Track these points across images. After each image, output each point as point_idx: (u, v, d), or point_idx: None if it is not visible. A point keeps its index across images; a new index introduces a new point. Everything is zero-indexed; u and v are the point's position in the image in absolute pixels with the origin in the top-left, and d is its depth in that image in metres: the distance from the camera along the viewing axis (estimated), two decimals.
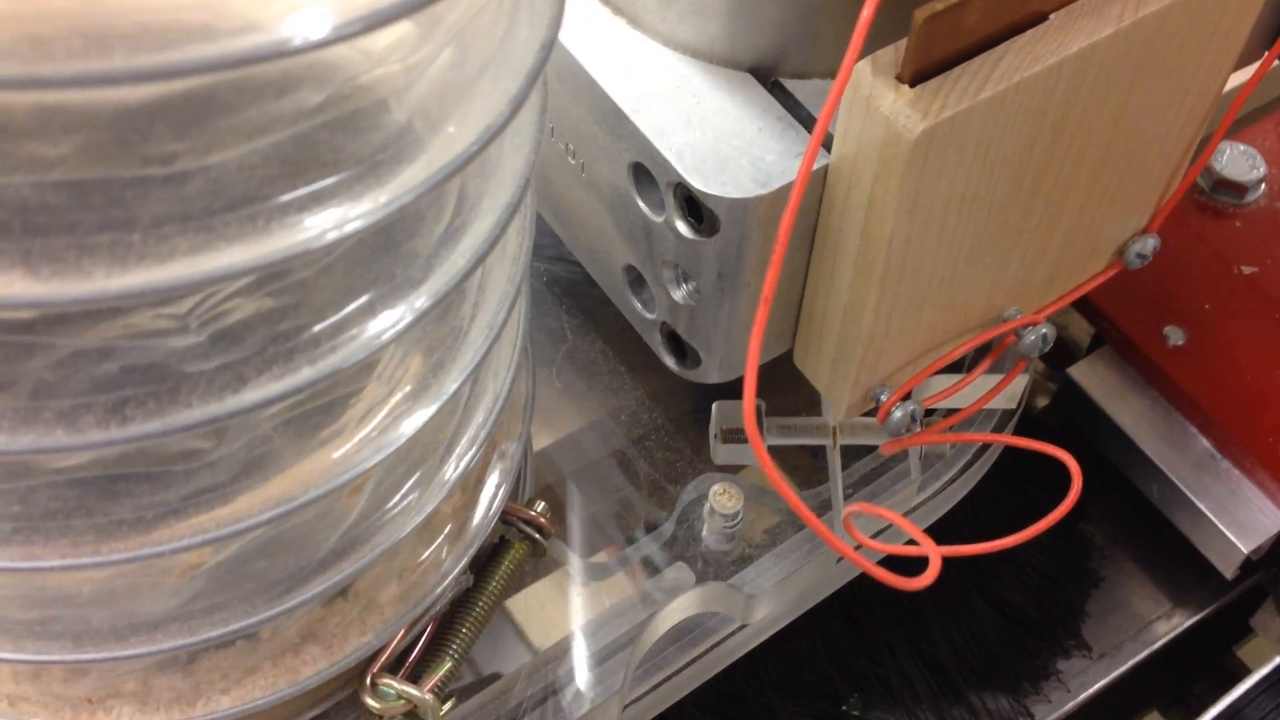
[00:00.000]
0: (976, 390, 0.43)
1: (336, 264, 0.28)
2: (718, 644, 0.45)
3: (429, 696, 0.37)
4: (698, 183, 0.36)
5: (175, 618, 0.33)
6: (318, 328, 0.28)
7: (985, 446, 0.49)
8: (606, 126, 0.39)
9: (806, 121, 0.38)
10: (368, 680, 0.38)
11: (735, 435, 0.44)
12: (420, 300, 0.29)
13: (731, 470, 0.46)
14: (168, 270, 0.24)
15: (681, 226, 0.38)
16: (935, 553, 0.36)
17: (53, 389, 0.26)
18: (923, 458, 0.47)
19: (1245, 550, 0.54)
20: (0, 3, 0.21)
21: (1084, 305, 0.57)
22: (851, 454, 0.46)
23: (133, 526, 0.29)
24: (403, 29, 0.25)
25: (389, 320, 0.29)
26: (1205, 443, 0.56)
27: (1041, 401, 0.60)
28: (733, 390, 0.43)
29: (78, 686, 0.35)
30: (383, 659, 0.38)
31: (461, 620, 0.39)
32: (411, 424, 0.32)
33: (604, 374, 0.49)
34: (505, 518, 0.41)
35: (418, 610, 0.37)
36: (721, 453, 0.44)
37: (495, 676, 0.42)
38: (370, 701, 0.38)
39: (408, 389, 0.32)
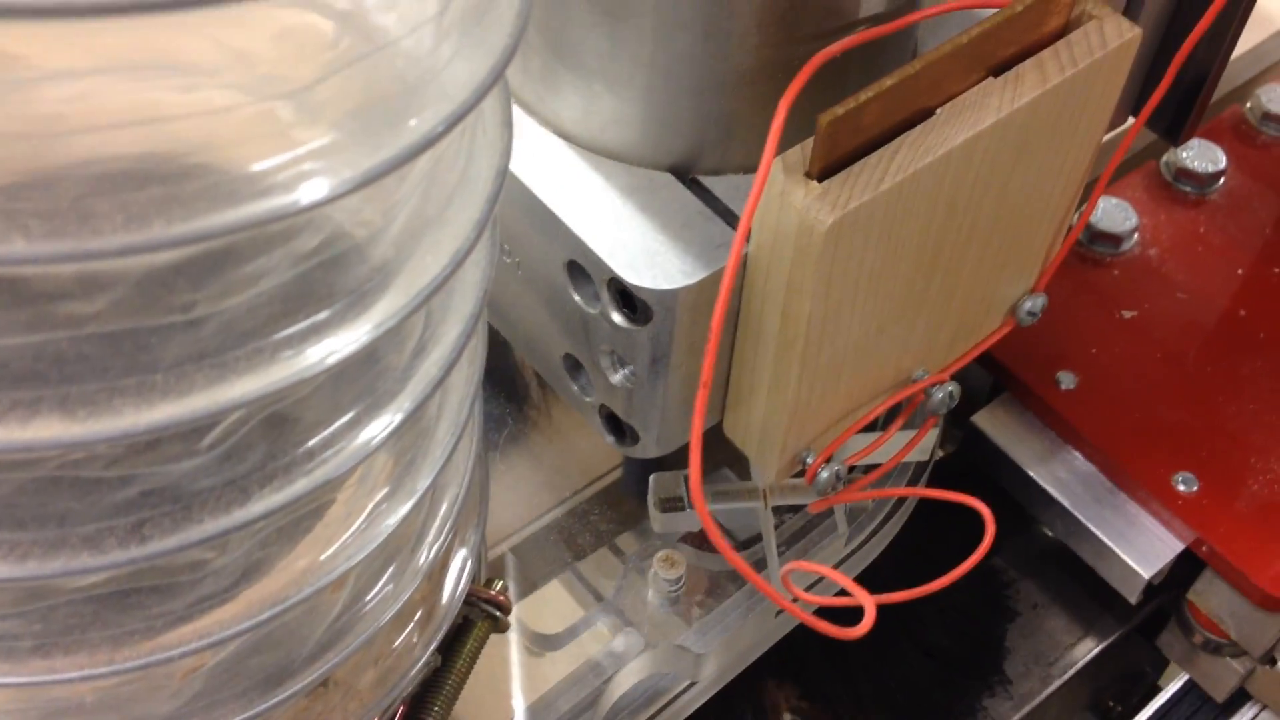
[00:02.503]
0: (893, 446, 0.48)
1: (325, 385, 0.31)
2: (669, 703, 0.49)
3: None
4: (630, 277, 0.40)
5: (175, 718, 0.36)
6: (311, 442, 0.31)
7: (903, 499, 0.54)
8: (541, 228, 0.43)
9: (724, 215, 0.43)
10: None
11: (673, 504, 0.48)
12: (399, 410, 0.33)
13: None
14: (188, 404, 0.27)
15: (616, 317, 0.42)
16: (869, 601, 0.40)
17: (78, 516, 0.29)
18: (847, 513, 0.51)
19: (1146, 576, 0.59)
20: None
21: (983, 357, 0.62)
22: (780, 512, 0.50)
23: (144, 635, 0.33)
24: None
25: (374, 430, 0.32)
26: (1102, 478, 0.61)
27: (949, 448, 0.65)
28: (664, 463, 0.47)
29: None
30: None
31: (432, 700, 0.43)
32: (390, 522, 0.36)
33: (547, 455, 0.53)
34: (468, 599, 0.44)
35: (394, 694, 0.41)
36: (660, 521, 0.48)
37: None
38: None
39: (385, 490, 0.36)
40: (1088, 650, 0.62)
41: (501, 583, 0.45)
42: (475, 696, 0.46)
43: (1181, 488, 0.59)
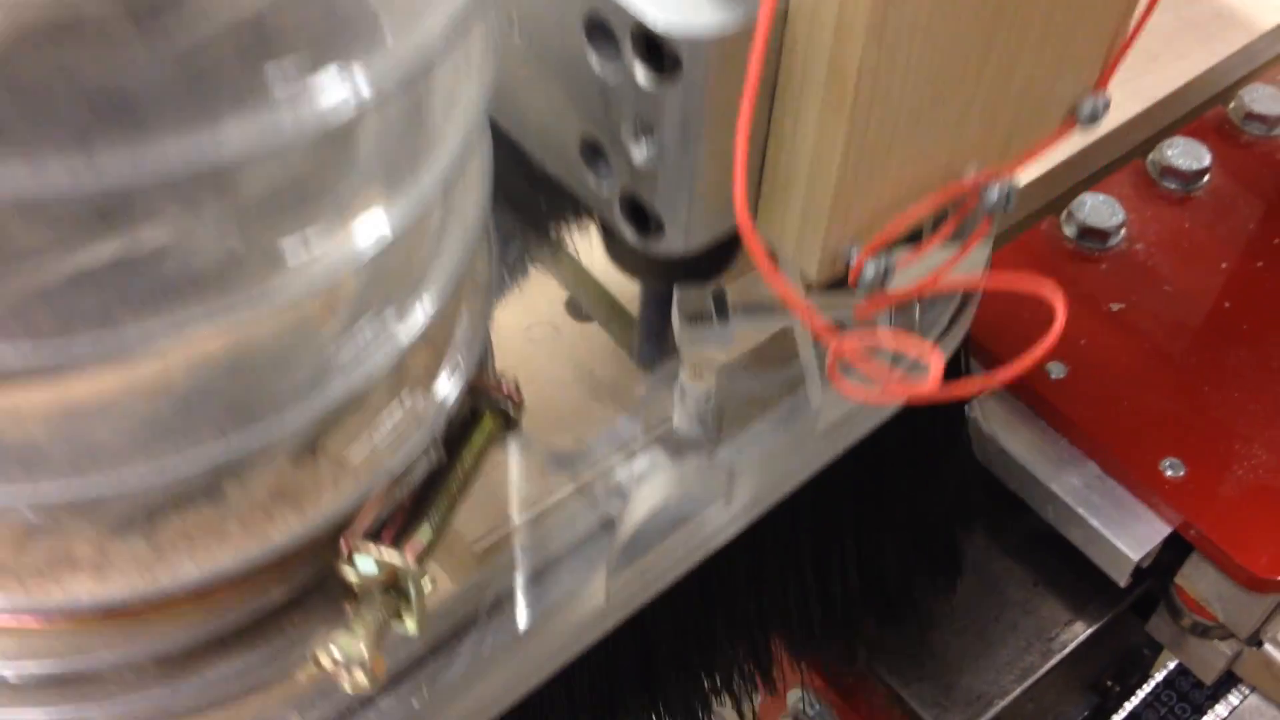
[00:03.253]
0: (940, 256, 0.43)
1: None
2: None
3: (411, 562, 0.36)
4: (656, 18, 0.36)
5: (140, 449, 0.31)
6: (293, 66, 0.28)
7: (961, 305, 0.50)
8: None
9: None
10: (343, 548, 0.36)
11: (700, 317, 0.44)
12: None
13: None
14: None
15: (641, 76, 0.38)
16: (934, 353, 0.38)
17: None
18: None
19: (1135, 559, 0.61)
20: None
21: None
22: None
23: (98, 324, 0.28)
24: None
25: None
26: (1092, 464, 0.63)
27: None
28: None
29: (28, 554, 0.33)
30: (357, 525, 0.36)
31: (437, 493, 0.38)
32: (384, 229, 0.32)
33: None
34: (474, 391, 0.40)
35: (391, 472, 0.37)
36: (687, 336, 0.44)
37: None
38: (347, 572, 0.36)
39: (379, 181, 0.32)
40: (1081, 630, 0.65)
41: (515, 378, 0.40)
42: (474, 508, 0.41)
43: (1169, 473, 0.61)
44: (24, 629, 0.34)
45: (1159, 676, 0.67)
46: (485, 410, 0.40)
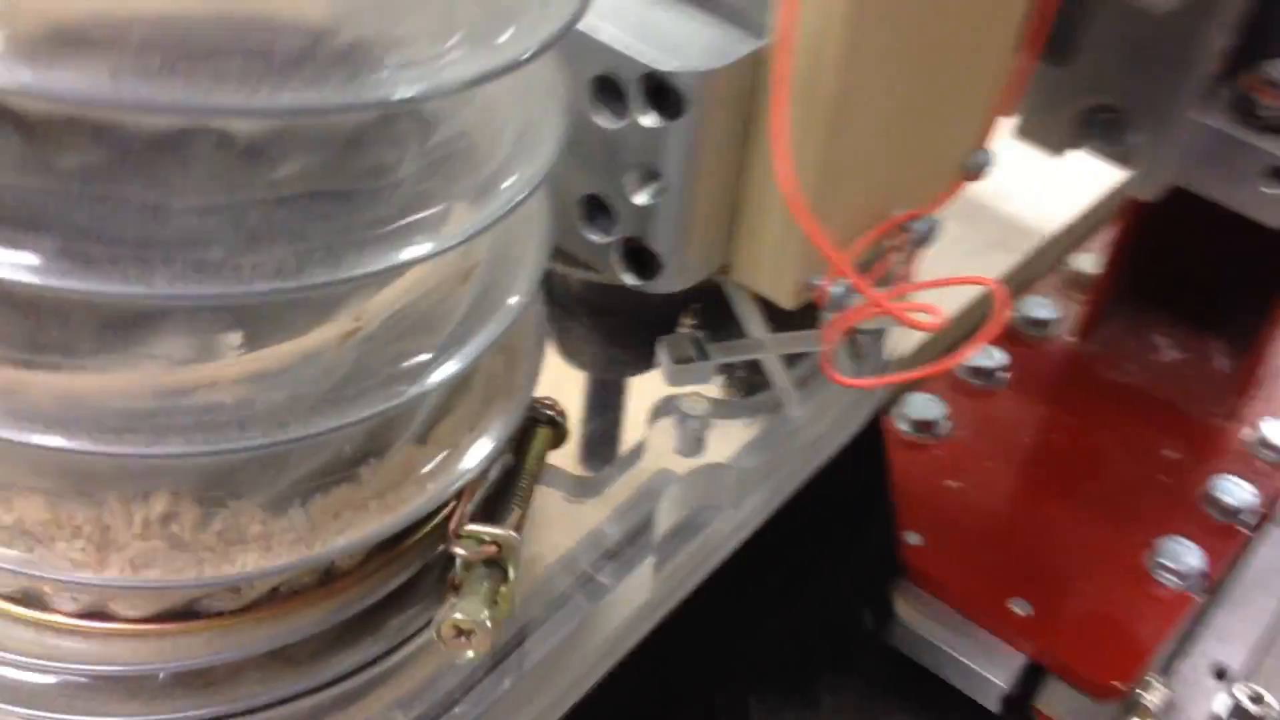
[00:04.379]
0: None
1: None
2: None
3: (513, 534, 0.41)
4: (664, 64, 0.43)
5: (328, 401, 0.36)
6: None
7: None
8: (565, 52, 0.43)
9: (733, 17, 0.46)
10: (453, 526, 0.41)
11: (685, 360, 0.52)
12: None
13: None
14: None
15: (646, 120, 0.45)
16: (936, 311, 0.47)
17: None
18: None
19: (1003, 685, 0.70)
20: None
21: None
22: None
23: (325, 255, 0.33)
24: None
25: None
26: (956, 613, 0.72)
27: None
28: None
29: (206, 533, 0.37)
30: (463, 506, 0.41)
31: (514, 487, 0.43)
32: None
33: None
34: (531, 405, 0.45)
35: (489, 459, 0.42)
36: (674, 374, 0.51)
37: None
38: (458, 546, 0.41)
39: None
40: None
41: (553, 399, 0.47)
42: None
43: (1018, 611, 0.71)
44: (165, 631, 0.38)
45: None
46: (542, 420, 0.46)
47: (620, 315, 0.58)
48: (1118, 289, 0.81)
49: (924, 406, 0.78)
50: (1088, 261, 0.87)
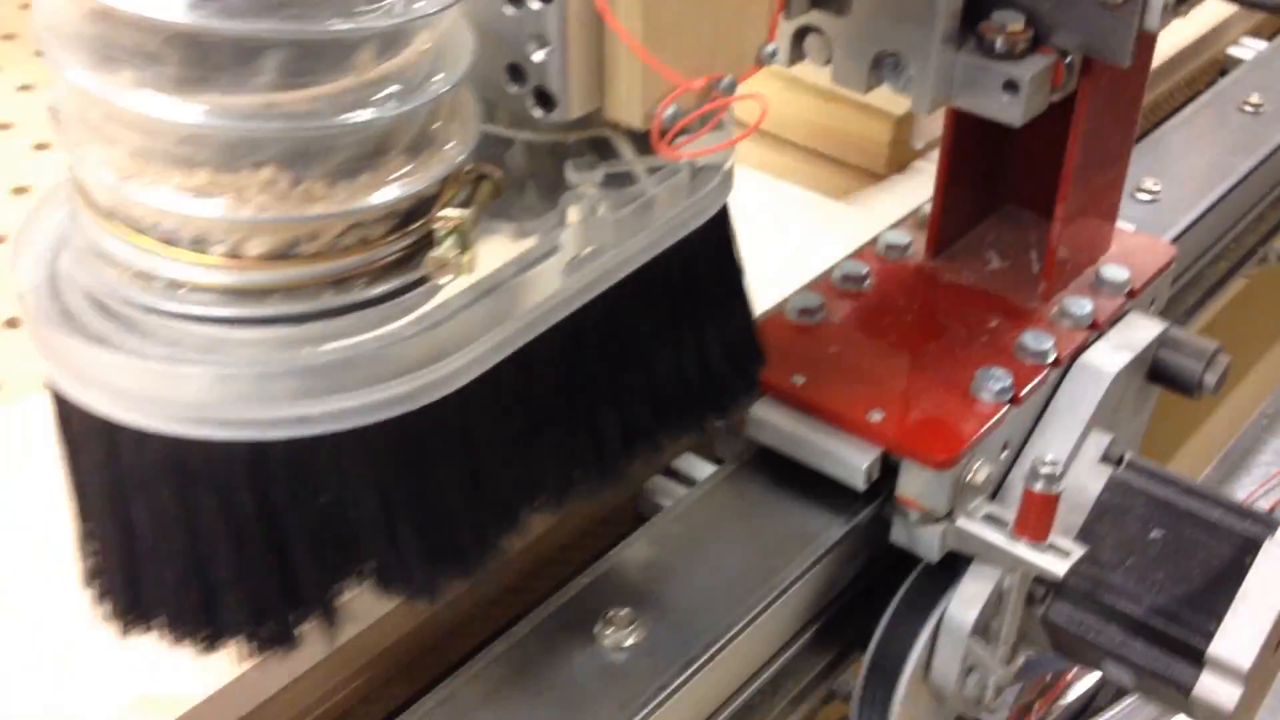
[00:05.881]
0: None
1: None
2: None
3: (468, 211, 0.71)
4: None
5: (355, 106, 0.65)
6: None
7: None
8: None
9: None
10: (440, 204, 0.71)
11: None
12: None
13: None
14: None
15: (535, 5, 0.72)
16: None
17: None
18: None
19: (864, 464, 0.98)
20: None
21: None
22: None
23: None
24: None
25: None
26: (826, 424, 1.00)
27: None
28: None
29: (279, 184, 0.64)
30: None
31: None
32: None
33: None
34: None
35: (463, 165, 0.72)
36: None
37: None
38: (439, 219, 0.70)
39: None
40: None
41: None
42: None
43: (875, 418, 0.99)
44: (276, 264, 0.67)
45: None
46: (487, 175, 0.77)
47: None
48: (950, 204, 1.11)
49: (806, 298, 1.08)
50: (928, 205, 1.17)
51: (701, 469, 1.03)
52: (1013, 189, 1.16)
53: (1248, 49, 1.59)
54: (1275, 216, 1.44)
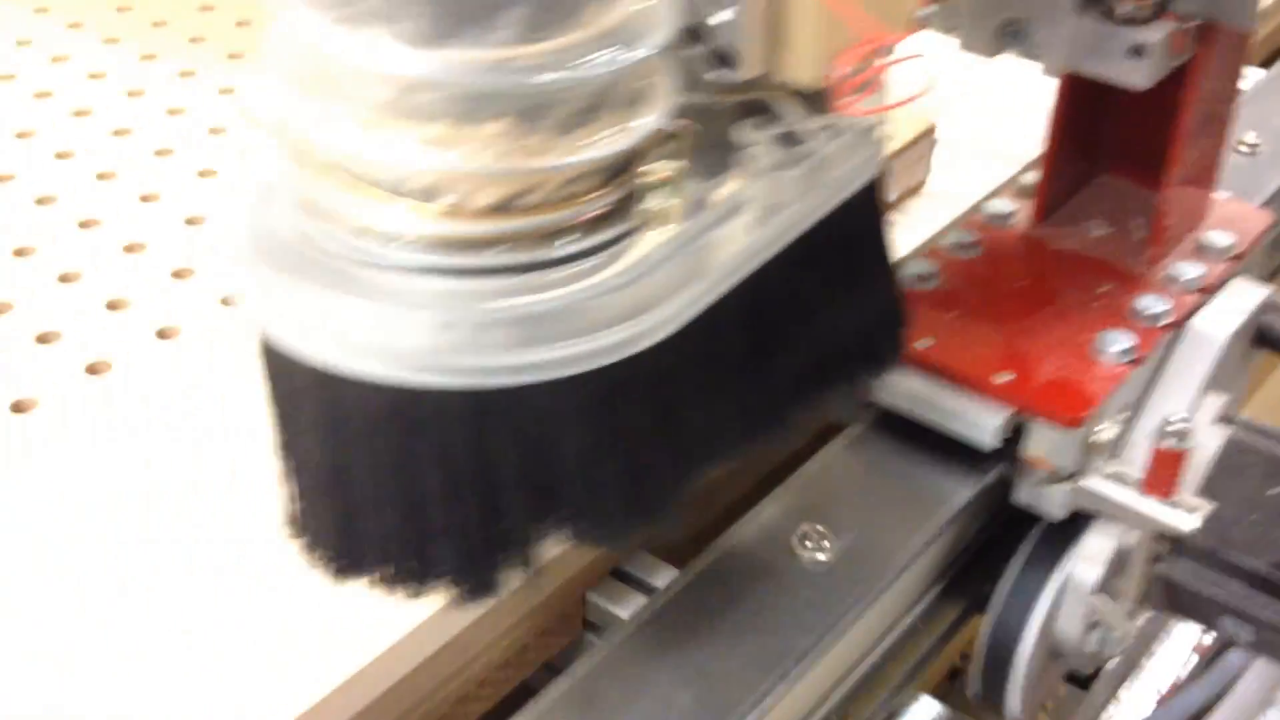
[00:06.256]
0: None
1: None
2: None
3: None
4: None
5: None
6: None
7: None
8: None
9: None
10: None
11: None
12: None
13: None
14: None
15: None
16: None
17: None
18: None
19: (998, 422, 1.00)
20: None
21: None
22: None
23: None
24: None
25: None
26: (954, 385, 1.03)
27: None
28: None
29: (503, 141, 0.67)
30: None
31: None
32: None
33: None
34: None
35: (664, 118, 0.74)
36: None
37: None
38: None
39: None
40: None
41: None
42: None
43: (1003, 379, 1.02)
44: (501, 216, 0.69)
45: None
46: None
47: None
48: (1056, 172, 1.14)
49: (921, 265, 1.10)
50: (1032, 176, 1.20)
51: None
52: (1114, 157, 1.19)
53: None
54: None
